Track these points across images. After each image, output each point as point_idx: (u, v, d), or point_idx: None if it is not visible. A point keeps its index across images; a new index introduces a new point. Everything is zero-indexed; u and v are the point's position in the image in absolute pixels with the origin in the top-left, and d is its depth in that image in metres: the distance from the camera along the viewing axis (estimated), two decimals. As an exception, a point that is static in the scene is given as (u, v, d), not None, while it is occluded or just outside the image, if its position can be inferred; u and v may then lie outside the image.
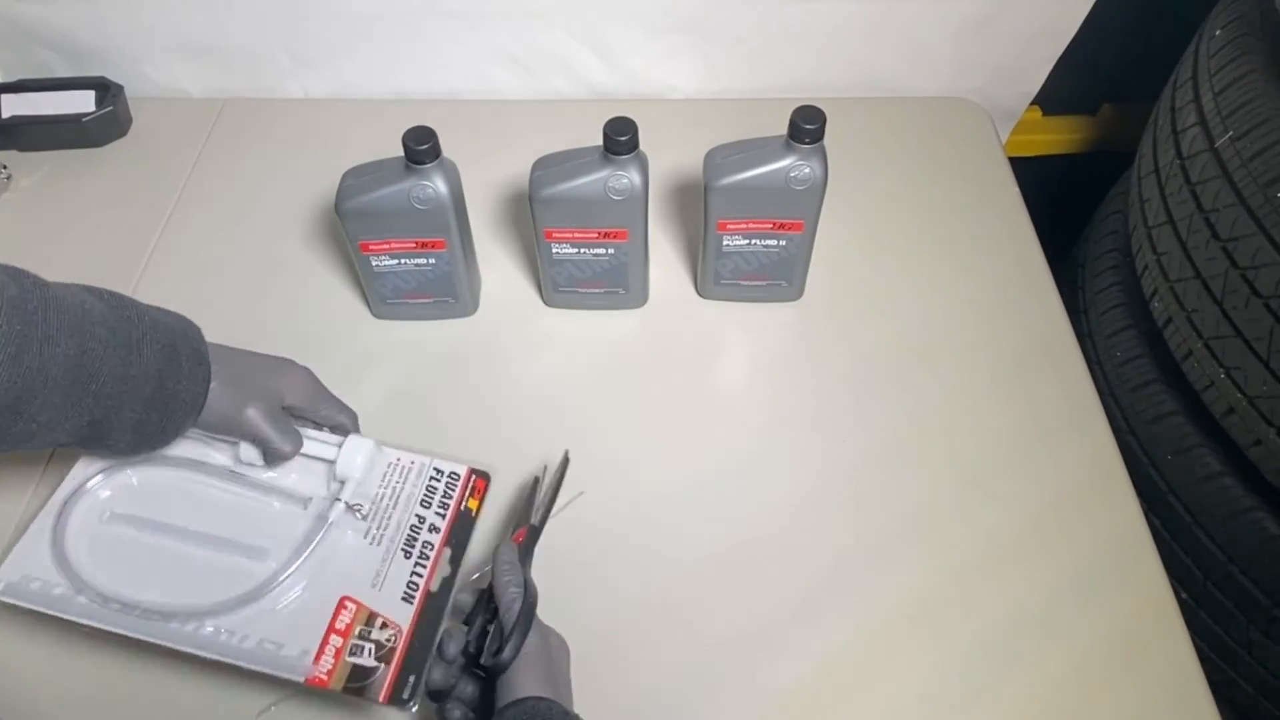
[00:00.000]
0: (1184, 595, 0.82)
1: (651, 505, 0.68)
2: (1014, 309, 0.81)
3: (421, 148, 0.67)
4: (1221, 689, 0.79)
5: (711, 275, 0.79)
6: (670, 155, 0.83)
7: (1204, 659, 0.60)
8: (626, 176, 0.69)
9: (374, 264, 0.75)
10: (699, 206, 0.74)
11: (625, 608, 0.64)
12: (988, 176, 0.92)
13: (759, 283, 0.79)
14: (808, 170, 0.68)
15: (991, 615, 0.63)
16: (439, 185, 0.69)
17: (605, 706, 0.60)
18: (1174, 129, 0.82)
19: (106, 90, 0.96)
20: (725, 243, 0.75)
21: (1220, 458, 0.78)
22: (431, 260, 0.75)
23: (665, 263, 0.84)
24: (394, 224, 0.72)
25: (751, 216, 0.73)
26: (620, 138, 0.67)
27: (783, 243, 0.75)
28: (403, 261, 0.75)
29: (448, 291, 0.78)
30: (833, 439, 0.72)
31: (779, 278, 0.78)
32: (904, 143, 0.96)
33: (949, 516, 0.67)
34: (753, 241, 0.75)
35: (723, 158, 0.71)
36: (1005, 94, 1.02)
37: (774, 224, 0.73)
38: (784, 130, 0.68)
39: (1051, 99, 1.08)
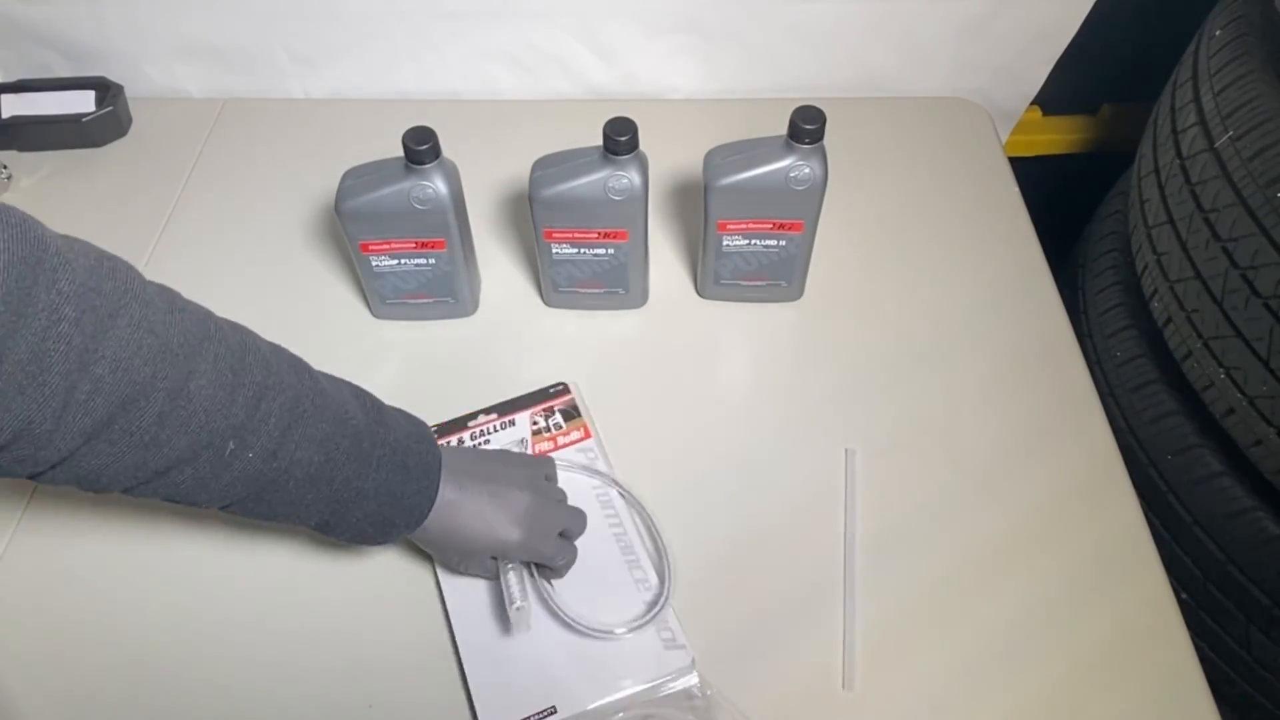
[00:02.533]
0: (1184, 595, 0.82)
1: (650, 504, 0.68)
2: (1014, 309, 0.80)
3: (421, 148, 0.67)
4: (1221, 689, 0.79)
5: (711, 275, 0.79)
6: (670, 155, 0.83)
7: (1204, 659, 0.60)
8: (626, 176, 0.69)
9: (374, 264, 0.75)
10: (699, 206, 0.74)
11: (625, 608, 0.64)
12: (988, 176, 0.92)
13: (759, 283, 0.79)
14: (808, 170, 0.68)
15: (990, 615, 0.63)
16: (439, 185, 0.69)
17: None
18: (1174, 129, 0.82)
19: (106, 90, 0.96)
20: (725, 243, 0.75)
21: (1220, 458, 0.78)
22: (431, 260, 0.75)
23: (665, 263, 0.84)
24: (394, 224, 0.72)
25: (751, 217, 0.73)
26: (620, 138, 0.67)
27: (782, 243, 0.75)
28: (402, 262, 0.75)
29: (448, 292, 0.78)
30: (832, 439, 0.72)
31: (779, 278, 0.78)
32: (904, 143, 0.96)
33: (948, 516, 0.67)
34: (752, 242, 0.75)
35: (723, 158, 0.71)
36: (1005, 94, 1.02)
37: (774, 224, 0.73)
38: (784, 130, 0.68)
39: (1051, 99, 1.08)
